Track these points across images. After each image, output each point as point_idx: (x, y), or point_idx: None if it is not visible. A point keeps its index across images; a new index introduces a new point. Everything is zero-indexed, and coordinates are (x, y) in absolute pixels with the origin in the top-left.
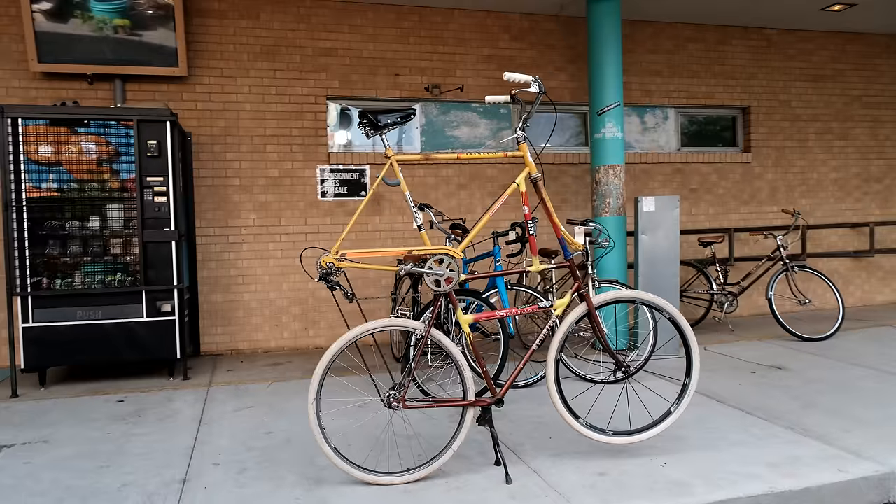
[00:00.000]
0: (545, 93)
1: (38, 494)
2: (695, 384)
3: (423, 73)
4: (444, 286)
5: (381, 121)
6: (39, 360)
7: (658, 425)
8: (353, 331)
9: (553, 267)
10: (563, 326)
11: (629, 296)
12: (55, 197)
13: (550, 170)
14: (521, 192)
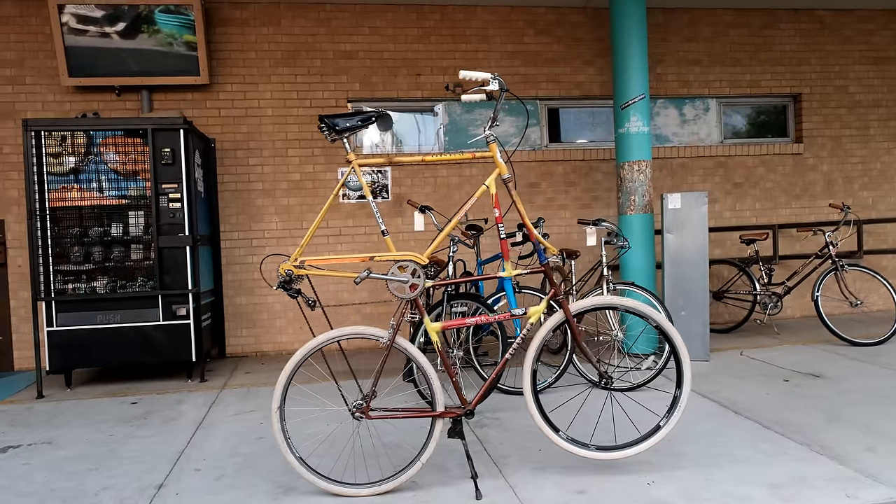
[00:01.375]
0: (507, 90)
1: (24, 495)
2: (686, 397)
3: (445, 72)
4: (408, 293)
5: (338, 125)
6: (63, 363)
7: (646, 441)
8: (317, 339)
9: (526, 272)
10: (539, 335)
11: (609, 302)
12: (76, 206)
13: (580, 166)
14: (492, 195)
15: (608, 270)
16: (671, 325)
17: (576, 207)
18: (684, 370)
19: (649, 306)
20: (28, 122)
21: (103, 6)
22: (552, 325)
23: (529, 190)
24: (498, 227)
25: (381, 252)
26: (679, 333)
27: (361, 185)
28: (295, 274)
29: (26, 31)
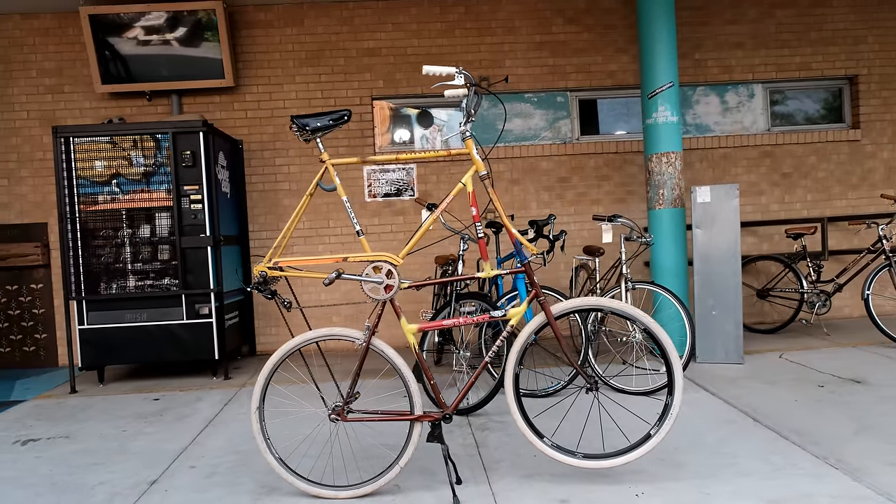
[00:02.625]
0: (476, 84)
1: (25, 487)
2: (678, 405)
3: (470, 65)
4: (383, 294)
5: (309, 125)
6: (94, 360)
7: (635, 450)
8: (293, 340)
9: (506, 273)
10: (521, 338)
11: (593, 304)
12: (104, 209)
13: (613, 159)
14: (469, 193)
15: (627, 268)
16: (660, 328)
17: (609, 202)
18: (675, 377)
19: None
20: (57, 128)
21: (131, 14)
22: (534, 328)
23: (560, 185)
24: (476, 225)
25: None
26: (709, 334)
27: (336, 186)
28: (269, 275)
29: (64, 41)
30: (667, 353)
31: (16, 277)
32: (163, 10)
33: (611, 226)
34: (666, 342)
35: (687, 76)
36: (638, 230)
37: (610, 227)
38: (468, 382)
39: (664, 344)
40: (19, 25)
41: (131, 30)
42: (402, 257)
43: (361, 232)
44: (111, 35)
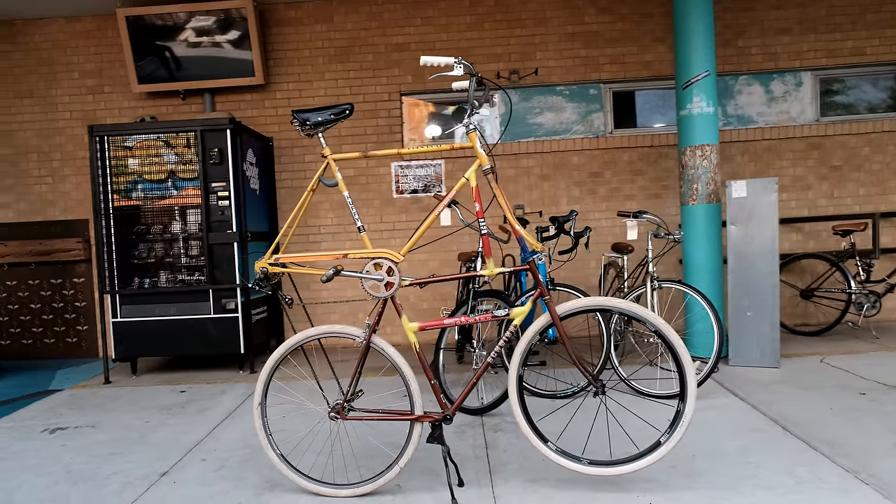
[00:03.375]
0: (476, 74)
1: (45, 474)
2: (690, 412)
3: (500, 59)
4: (383, 291)
5: (309, 120)
6: (126, 352)
7: (644, 458)
8: (295, 337)
9: (510, 271)
10: (525, 338)
11: (601, 304)
12: (136, 205)
13: (648, 153)
14: (472, 188)
15: (654, 266)
16: (672, 330)
17: (643, 198)
18: (688, 382)
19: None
20: (92, 127)
21: (165, 15)
22: (538, 328)
23: (591, 180)
24: (479, 221)
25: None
26: (743, 336)
27: (337, 181)
28: (270, 272)
29: (104, 43)
30: (679, 358)
31: (59, 271)
32: (194, 10)
33: (636, 222)
34: (678, 345)
35: (729, 65)
36: (665, 227)
37: (635, 223)
38: (470, 383)
39: (676, 347)
40: (62, 28)
41: (165, 30)
42: (404, 254)
43: (363, 228)
44: (146, 36)
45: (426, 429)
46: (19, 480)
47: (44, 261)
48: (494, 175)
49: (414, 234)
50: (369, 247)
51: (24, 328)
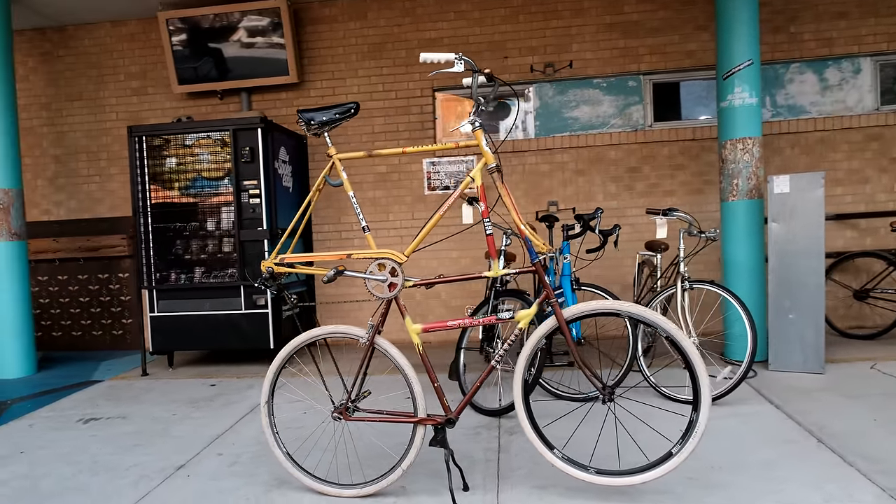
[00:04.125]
0: (478, 70)
1: (71, 463)
2: (704, 422)
3: (534, 51)
4: (387, 292)
5: (314, 119)
6: (163, 345)
7: (654, 469)
8: (300, 336)
9: (515, 273)
10: (530, 342)
11: (610, 308)
12: (172, 203)
13: (690, 147)
14: (477, 186)
15: (685, 266)
16: (685, 336)
17: (684, 193)
18: (702, 391)
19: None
20: (132, 128)
21: (202, 17)
22: (544, 332)
23: (629, 175)
24: (483, 222)
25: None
26: (785, 340)
27: (343, 181)
28: (276, 271)
29: (148, 45)
30: (692, 365)
31: (106, 267)
32: (230, 10)
33: (665, 220)
34: (690, 352)
35: (779, 52)
36: (697, 225)
37: (664, 221)
38: (473, 386)
39: (688, 354)
40: (109, 32)
41: (202, 32)
42: (408, 255)
43: (367, 228)
44: (185, 37)
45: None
46: (48, 469)
47: (92, 256)
48: (500, 174)
49: (419, 233)
50: (373, 247)
51: (74, 320)
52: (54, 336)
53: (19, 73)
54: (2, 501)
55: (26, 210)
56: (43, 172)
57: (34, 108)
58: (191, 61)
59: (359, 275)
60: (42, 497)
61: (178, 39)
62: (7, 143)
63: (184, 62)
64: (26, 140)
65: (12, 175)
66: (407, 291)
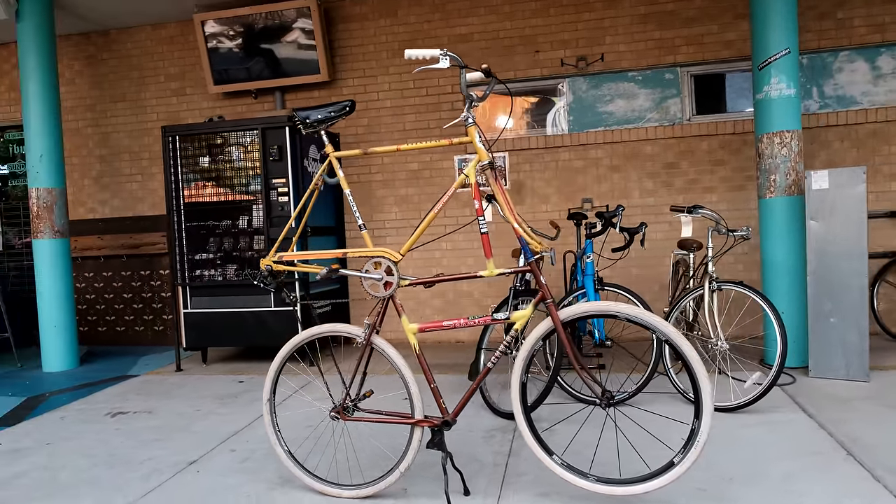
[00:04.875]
0: (465, 66)
1: (90, 455)
2: (706, 430)
3: (566, 45)
4: (383, 291)
5: (309, 117)
6: (196, 341)
7: (656, 478)
8: (301, 335)
9: (508, 272)
10: (527, 345)
11: (605, 309)
12: (204, 201)
13: (731, 141)
14: (471, 184)
15: (713, 266)
16: (685, 340)
17: (724, 190)
18: (703, 398)
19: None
20: (165, 128)
21: (236, 18)
22: (540, 334)
23: (666, 171)
24: (478, 220)
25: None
26: (826, 345)
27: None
28: (274, 269)
29: (186, 47)
30: (693, 370)
31: (148, 264)
32: (262, 10)
33: (690, 218)
34: (691, 357)
35: (826, 40)
36: (724, 223)
37: (689, 219)
38: (469, 389)
39: (688, 359)
40: (150, 36)
41: (236, 33)
42: (404, 253)
43: (364, 226)
44: (220, 38)
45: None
46: (68, 460)
47: (134, 253)
48: (493, 171)
49: (414, 231)
50: (370, 245)
51: (118, 316)
52: (99, 331)
53: (66, 77)
54: (19, 492)
55: (74, 208)
56: (89, 172)
57: (80, 110)
58: (225, 62)
59: (355, 273)
60: (56, 489)
61: (213, 41)
62: (51, 144)
63: (218, 63)
64: (73, 141)
65: (56, 175)
66: (441, 289)
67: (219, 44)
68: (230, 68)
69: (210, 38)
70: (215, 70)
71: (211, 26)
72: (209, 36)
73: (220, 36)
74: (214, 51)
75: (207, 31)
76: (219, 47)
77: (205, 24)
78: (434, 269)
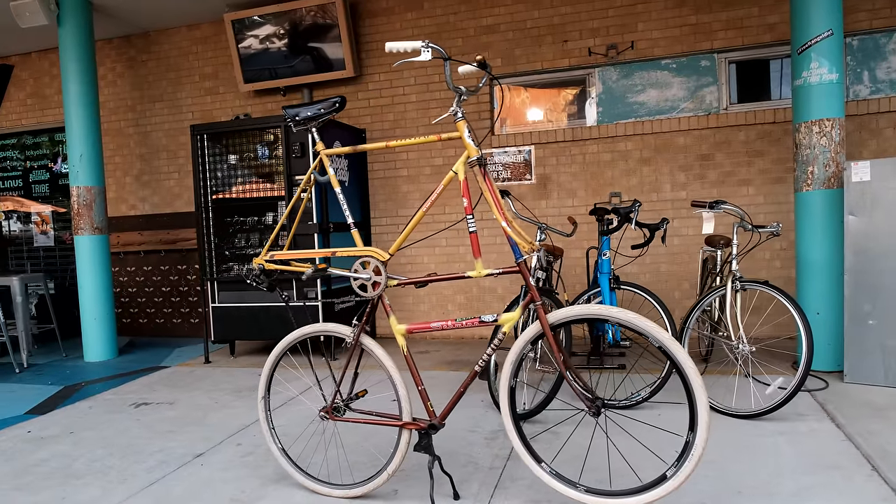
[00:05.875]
0: (449, 58)
1: (107, 445)
2: (702, 444)
3: (596, 33)
4: (370, 291)
5: (299, 114)
6: (223, 335)
7: (647, 492)
8: (293, 334)
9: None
10: (514, 349)
11: (596, 313)
12: (230, 198)
13: (771, 131)
14: (461, 181)
15: (737, 264)
16: (679, 346)
17: (762, 182)
18: (698, 408)
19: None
20: (193, 127)
21: (263, 16)
22: (529, 338)
23: (700, 163)
24: (467, 218)
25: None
26: (864, 348)
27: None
28: (266, 268)
29: (219, 46)
30: (687, 380)
31: (184, 258)
32: (287, 9)
33: (712, 213)
34: (686, 365)
35: (880, 19)
36: (749, 219)
37: (711, 214)
38: (456, 392)
39: (682, 367)
40: (185, 36)
41: (264, 31)
42: (392, 252)
43: (353, 225)
44: (248, 37)
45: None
46: (86, 450)
47: (171, 248)
48: (482, 167)
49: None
50: (360, 244)
51: (157, 308)
52: (141, 323)
53: (108, 79)
54: (34, 479)
55: (117, 205)
56: (130, 170)
57: (122, 111)
58: (254, 60)
59: (343, 273)
60: (67, 477)
61: (242, 40)
62: (90, 144)
63: (248, 61)
64: (116, 140)
65: (95, 174)
66: (465, 285)
67: (247, 42)
68: (259, 67)
69: (239, 38)
70: (245, 69)
71: (240, 25)
72: (238, 35)
73: (249, 34)
74: (243, 49)
75: (237, 30)
76: (247, 46)
77: (234, 24)
78: (458, 265)
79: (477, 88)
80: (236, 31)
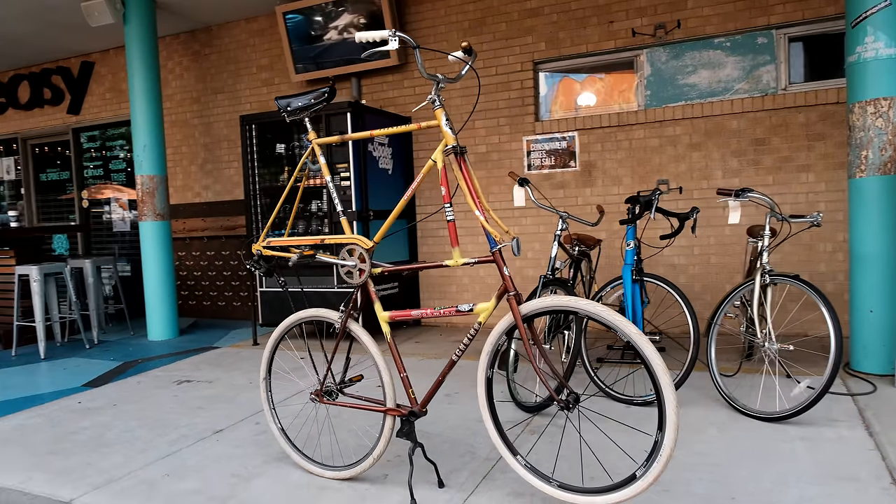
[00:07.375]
0: (417, 46)
1: (142, 418)
2: (671, 443)
3: (644, 13)
4: (356, 278)
5: (290, 104)
6: (269, 318)
7: (618, 491)
8: (289, 319)
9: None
10: (490, 340)
11: (566, 305)
12: (275, 185)
13: (832, 112)
14: (439, 170)
15: (768, 256)
16: (647, 342)
17: (823, 168)
18: (667, 407)
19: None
20: (243, 117)
21: (312, 7)
22: (503, 329)
23: (754, 148)
24: (444, 207)
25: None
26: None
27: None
28: (264, 254)
29: (274, 38)
30: (655, 377)
31: (242, 244)
32: None
33: (738, 202)
34: (654, 362)
35: None
36: (778, 208)
37: (738, 204)
38: (435, 381)
39: (651, 364)
40: (244, 29)
41: (313, 22)
42: (377, 240)
43: (343, 213)
44: (299, 28)
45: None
46: (122, 421)
47: (231, 234)
48: (458, 156)
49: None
50: (349, 232)
51: (219, 292)
52: (204, 305)
53: (176, 72)
54: (71, 445)
55: (184, 193)
56: (195, 159)
57: (187, 103)
58: (304, 51)
59: (329, 260)
60: (98, 445)
61: (293, 31)
62: (153, 135)
63: (299, 52)
64: (183, 131)
65: (157, 164)
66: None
67: (298, 33)
68: (308, 57)
69: (290, 29)
70: (296, 59)
71: (290, 17)
72: (290, 26)
73: (299, 26)
74: (295, 40)
75: (288, 21)
76: (298, 37)
77: (286, 16)
78: None
79: (459, 76)
80: (287, 23)
